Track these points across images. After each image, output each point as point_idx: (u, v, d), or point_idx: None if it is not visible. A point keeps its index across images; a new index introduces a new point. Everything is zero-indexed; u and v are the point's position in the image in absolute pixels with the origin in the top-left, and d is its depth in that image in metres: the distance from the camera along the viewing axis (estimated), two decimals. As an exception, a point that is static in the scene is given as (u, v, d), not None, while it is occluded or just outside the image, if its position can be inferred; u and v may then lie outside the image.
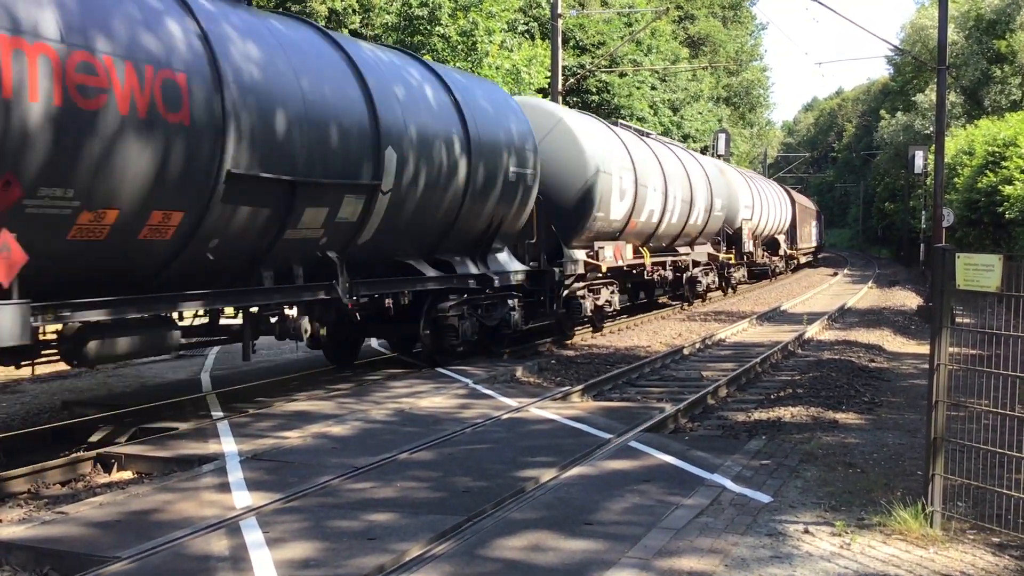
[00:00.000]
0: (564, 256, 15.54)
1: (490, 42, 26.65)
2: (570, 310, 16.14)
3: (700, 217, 23.21)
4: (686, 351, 15.47)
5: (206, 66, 8.27)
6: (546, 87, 28.00)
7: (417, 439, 8.17)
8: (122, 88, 7.36)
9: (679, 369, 14.06)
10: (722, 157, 37.93)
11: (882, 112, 62.20)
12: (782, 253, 38.86)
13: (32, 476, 7.61)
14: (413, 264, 11.90)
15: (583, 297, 16.44)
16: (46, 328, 7.58)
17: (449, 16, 25.95)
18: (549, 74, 26.70)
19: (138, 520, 5.88)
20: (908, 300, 26.95)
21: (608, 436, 8.34)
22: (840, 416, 9.53)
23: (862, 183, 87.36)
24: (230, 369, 13.37)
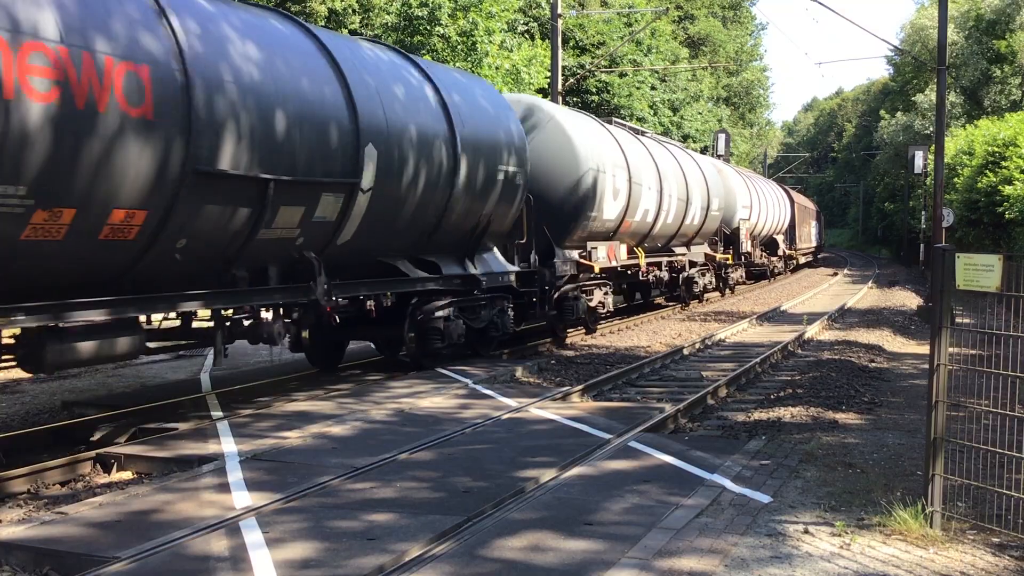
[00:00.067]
0: (556, 256, 15.28)
1: (490, 42, 26.66)
2: (562, 311, 15.86)
3: (697, 217, 22.96)
4: (686, 351, 15.47)
5: (171, 58, 7.90)
6: (546, 87, 28.02)
7: (417, 439, 8.16)
8: (79, 81, 7.02)
9: (679, 369, 14.05)
10: (722, 157, 37.92)
11: (882, 112, 62.20)
12: (781, 253, 38.80)
13: (32, 476, 7.60)
14: (397, 265, 11.62)
15: (575, 298, 16.18)
16: (1, 332, 7.30)
17: (449, 16, 25.95)
18: (549, 74, 26.73)
19: (138, 520, 5.87)
20: (908, 300, 26.95)
21: (608, 436, 8.34)
22: (840, 416, 9.53)
23: (862, 183, 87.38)
24: (230, 369, 13.36)
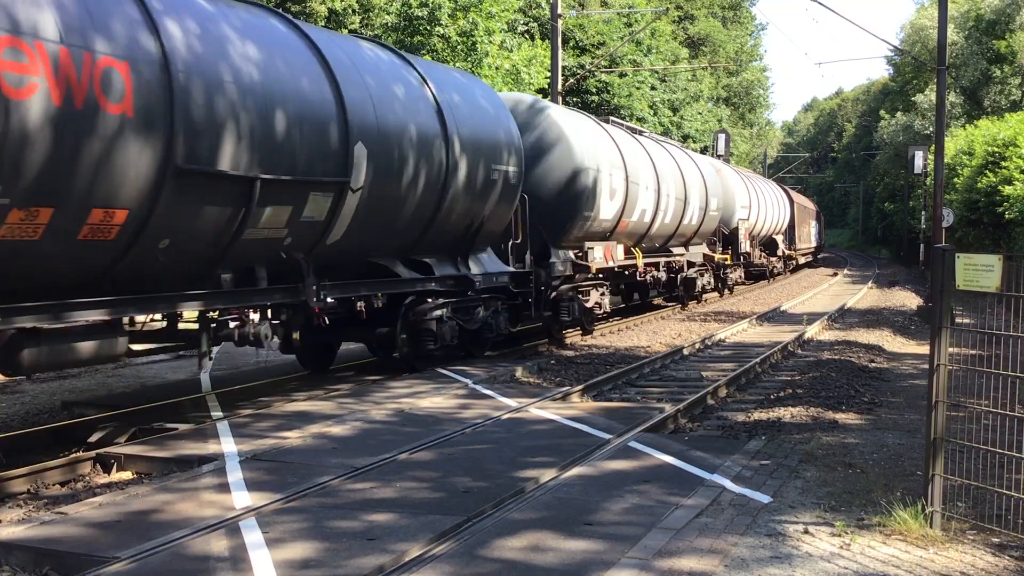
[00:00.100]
0: (551, 257, 15.11)
1: (490, 42, 26.67)
2: (557, 312, 15.69)
3: (695, 217, 22.80)
4: (686, 351, 15.46)
5: (152, 53, 7.68)
6: (546, 87, 28.03)
7: (417, 439, 8.16)
8: (55, 76, 6.85)
9: (679, 369, 14.05)
10: (722, 157, 37.91)
11: (882, 112, 62.23)
12: (780, 254, 38.71)
13: (32, 476, 7.60)
14: (389, 266, 11.46)
15: (571, 299, 15.99)
16: None
17: (449, 16, 25.96)
18: (549, 74, 26.73)
19: (137, 520, 5.87)
20: (908, 300, 26.95)
21: (608, 436, 8.34)
22: (840, 416, 9.53)
23: (862, 183, 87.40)
24: (230, 369, 13.37)
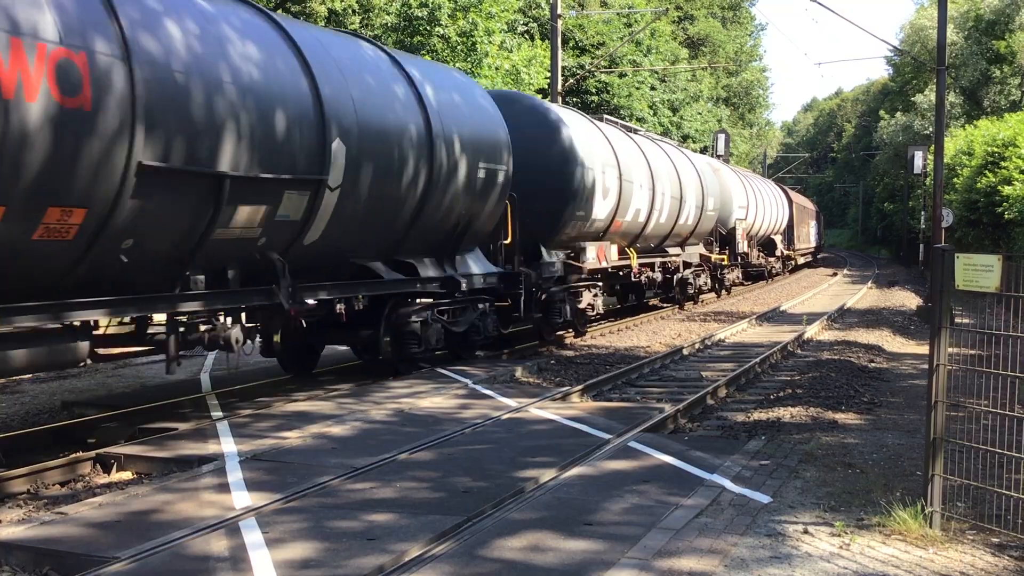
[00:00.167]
0: (542, 257, 14.89)
1: (490, 43, 26.68)
2: (549, 314, 15.41)
3: (691, 217, 22.54)
4: (685, 351, 15.47)
5: (113, 45, 7.34)
6: (546, 87, 28.04)
7: (417, 439, 8.16)
8: (6, 69, 6.55)
9: (679, 369, 14.06)
10: (721, 157, 37.89)
11: (881, 112, 62.26)
12: (779, 254, 38.62)
13: (32, 476, 7.60)
14: (370, 266, 11.14)
15: (562, 300, 15.69)
16: None
17: (449, 17, 25.97)
18: (549, 74, 26.74)
19: (137, 520, 5.88)
20: (907, 300, 26.96)
21: (608, 436, 8.34)
22: (839, 416, 9.53)
23: (861, 183, 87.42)
24: (230, 369, 13.35)
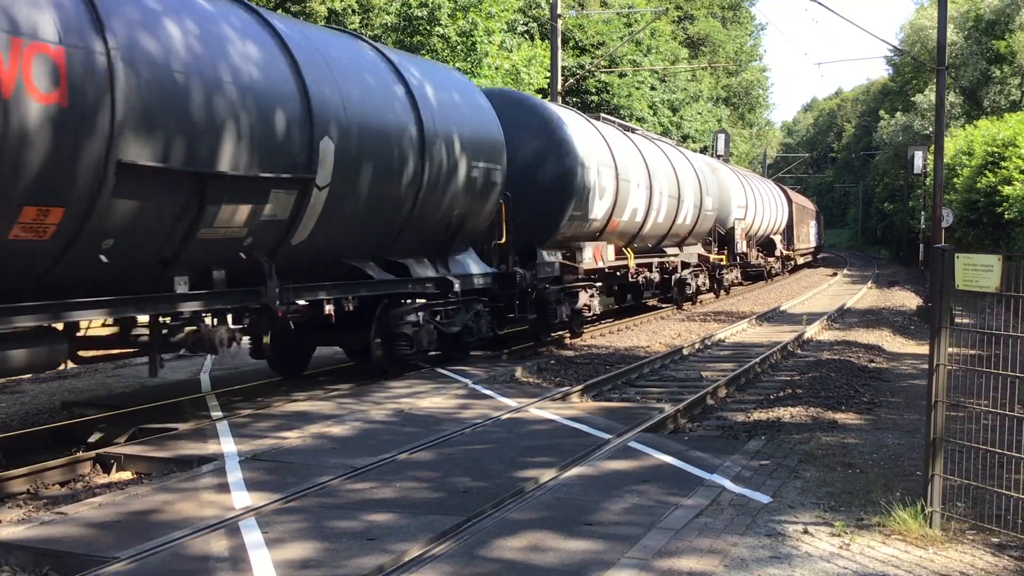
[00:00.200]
0: (537, 258, 14.72)
1: (489, 42, 26.68)
2: (544, 315, 15.22)
3: (689, 217, 22.43)
4: (685, 351, 15.47)
5: (91, 39, 7.16)
6: (546, 87, 28.04)
7: (417, 439, 8.16)
8: None
9: (678, 369, 14.06)
10: (721, 157, 37.88)
11: (881, 112, 62.28)
12: (778, 254, 38.55)
13: (31, 476, 7.60)
14: (361, 267, 10.94)
15: (558, 301, 15.54)
16: None
17: (448, 16, 25.97)
18: (549, 74, 26.74)
19: (137, 520, 5.87)
20: (907, 300, 26.96)
21: (607, 436, 8.34)
22: (839, 416, 9.53)
23: (861, 183, 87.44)
24: (230, 369, 13.36)
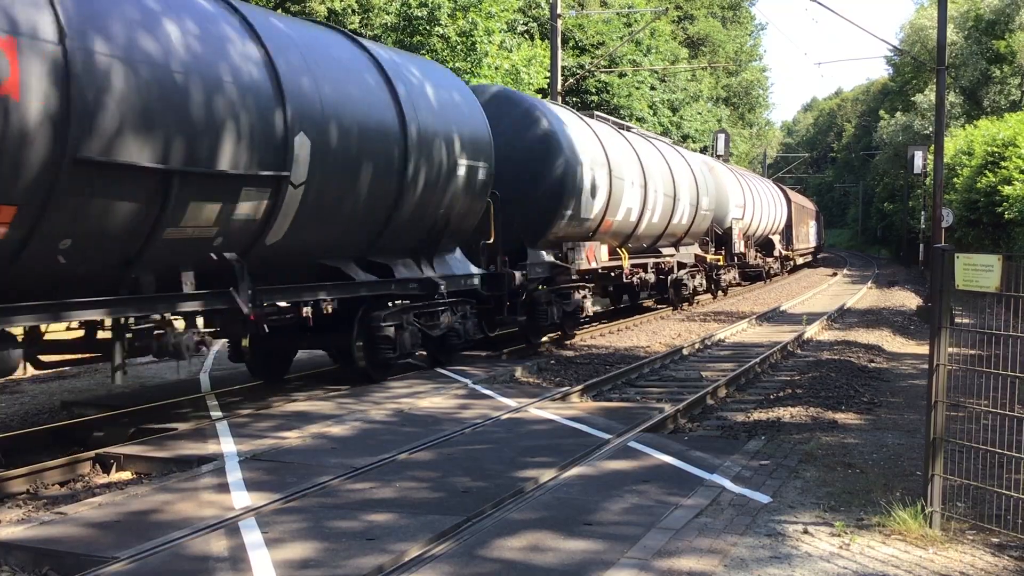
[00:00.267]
0: (528, 258, 14.45)
1: (489, 42, 26.66)
2: (534, 317, 14.96)
3: (685, 216, 22.15)
4: (685, 351, 15.46)
5: (46, 28, 6.86)
6: (545, 87, 28.03)
7: (416, 439, 8.16)
8: None
9: (678, 369, 14.06)
10: (721, 157, 37.84)
11: (881, 112, 62.30)
12: (777, 254, 38.32)
13: (31, 476, 7.59)
14: (341, 268, 10.64)
15: (549, 303, 15.25)
16: None
17: (448, 16, 25.96)
18: (548, 74, 26.74)
19: (137, 520, 5.88)
20: (907, 300, 26.96)
21: (607, 436, 8.34)
22: (839, 416, 9.53)
23: (861, 183, 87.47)
24: (230, 369, 13.35)
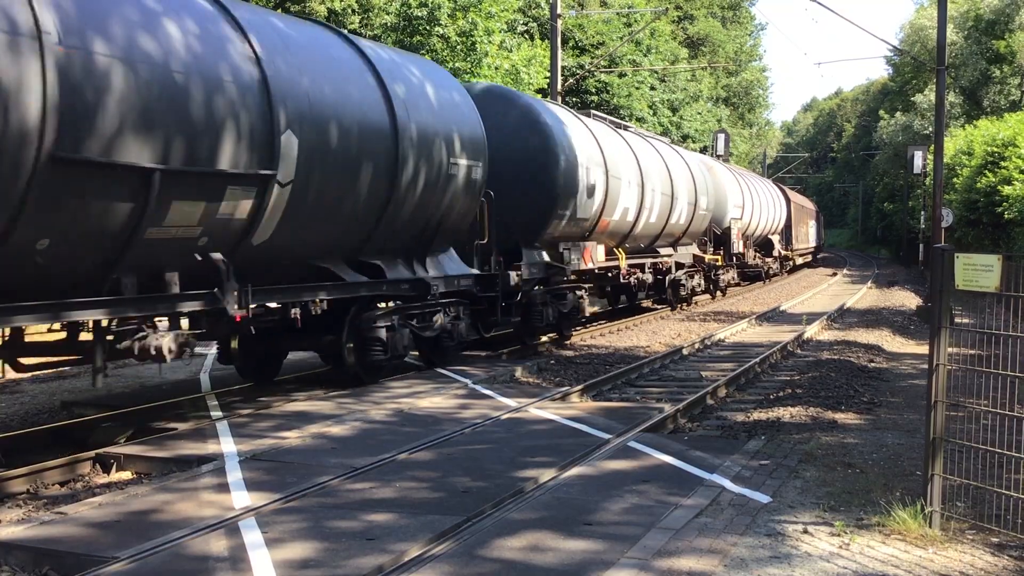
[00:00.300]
0: (523, 258, 14.30)
1: (489, 42, 26.66)
2: (530, 317, 14.82)
3: (683, 216, 22.04)
4: (685, 351, 15.47)
5: (20, 21, 6.66)
6: (545, 87, 28.04)
7: (416, 439, 8.16)
8: None
9: (678, 369, 14.06)
10: (721, 157, 37.84)
11: (881, 112, 62.32)
12: (776, 254, 38.20)
13: (31, 476, 7.59)
14: (332, 268, 10.50)
15: (544, 304, 15.08)
16: None
17: (448, 16, 25.96)
18: (548, 74, 26.74)
19: (137, 520, 5.88)
20: (907, 300, 26.97)
21: (607, 436, 8.34)
22: (839, 416, 9.53)
23: (861, 183, 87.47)
24: (230, 369, 13.35)
